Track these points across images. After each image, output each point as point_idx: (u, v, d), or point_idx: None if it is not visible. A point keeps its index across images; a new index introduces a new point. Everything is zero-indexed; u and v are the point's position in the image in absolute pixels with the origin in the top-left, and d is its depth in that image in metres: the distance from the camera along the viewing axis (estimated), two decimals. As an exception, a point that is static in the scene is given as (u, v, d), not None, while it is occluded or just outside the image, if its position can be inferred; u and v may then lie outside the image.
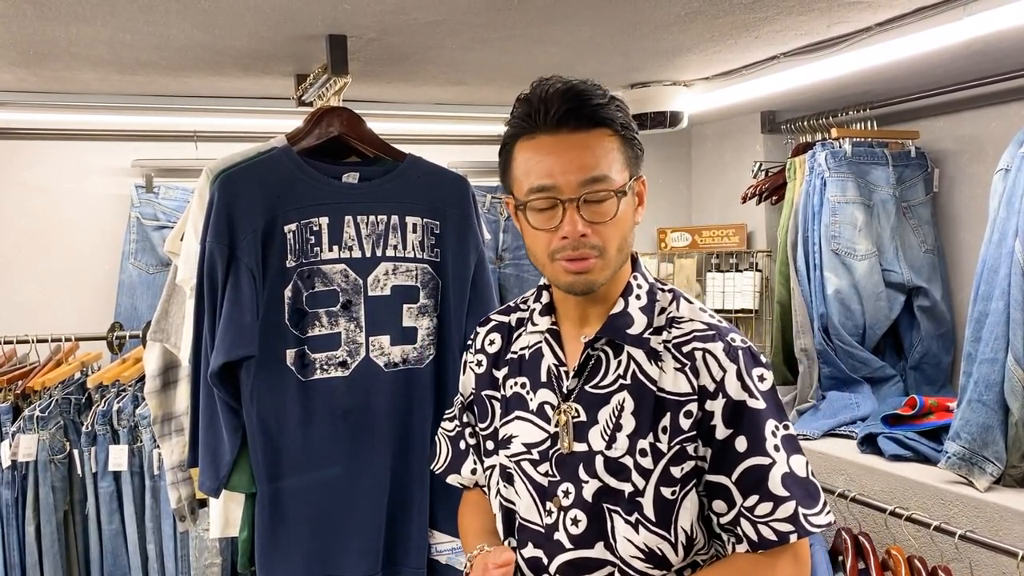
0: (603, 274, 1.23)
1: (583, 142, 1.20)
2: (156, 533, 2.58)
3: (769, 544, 1.19)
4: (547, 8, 1.77)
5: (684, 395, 1.23)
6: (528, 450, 1.32)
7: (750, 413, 1.21)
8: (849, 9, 1.82)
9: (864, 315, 2.68)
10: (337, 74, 1.92)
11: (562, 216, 1.20)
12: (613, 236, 1.22)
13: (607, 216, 1.21)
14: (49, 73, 2.25)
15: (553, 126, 1.20)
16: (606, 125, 1.22)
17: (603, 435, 1.25)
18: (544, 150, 1.21)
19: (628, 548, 1.24)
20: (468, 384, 1.45)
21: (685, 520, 1.23)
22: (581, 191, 1.19)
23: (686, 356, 1.24)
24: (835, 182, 2.69)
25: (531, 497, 1.31)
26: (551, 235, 1.22)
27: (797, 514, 1.18)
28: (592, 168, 1.20)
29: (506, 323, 1.42)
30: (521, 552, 1.33)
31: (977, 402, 1.99)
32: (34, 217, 3.00)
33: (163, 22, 1.79)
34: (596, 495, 1.25)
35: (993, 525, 1.88)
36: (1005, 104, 2.56)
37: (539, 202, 1.21)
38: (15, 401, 2.64)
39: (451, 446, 1.48)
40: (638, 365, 1.26)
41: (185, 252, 1.89)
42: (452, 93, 2.67)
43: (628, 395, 1.25)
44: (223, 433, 1.76)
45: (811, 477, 1.22)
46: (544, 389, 1.32)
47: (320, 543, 1.80)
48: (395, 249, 1.84)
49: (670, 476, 1.22)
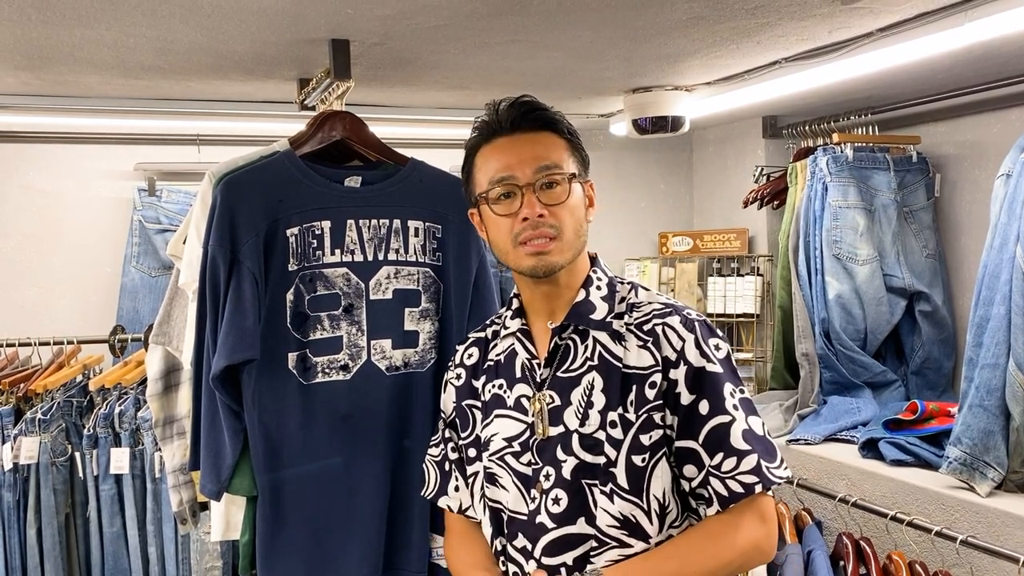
0: (562, 256, 1.34)
1: (535, 139, 1.36)
2: (157, 536, 2.58)
3: (737, 496, 1.27)
4: (549, 13, 1.77)
5: (648, 367, 1.32)
6: (509, 443, 1.39)
7: (710, 377, 1.30)
8: (851, 15, 1.82)
9: (865, 320, 2.69)
10: (340, 78, 1.93)
11: (521, 200, 1.33)
12: (568, 219, 1.34)
13: (561, 198, 1.33)
14: (53, 77, 2.25)
15: (510, 129, 1.36)
16: (554, 129, 1.38)
17: (576, 414, 1.34)
18: (501, 149, 1.36)
19: (605, 518, 1.31)
20: (449, 400, 1.52)
21: (657, 488, 1.31)
22: (535, 176, 1.33)
23: (647, 333, 1.34)
24: (836, 187, 2.69)
25: (517, 488, 1.38)
26: (512, 220, 1.34)
27: (760, 466, 1.27)
28: (545, 158, 1.34)
29: (483, 337, 1.51)
30: (513, 544, 1.38)
31: (978, 407, 1.99)
32: (37, 220, 3.01)
33: (166, 26, 1.80)
34: (574, 472, 1.32)
35: (994, 530, 1.88)
36: (1006, 109, 2.56)
37: (499, 190, 1.34)
38: (17, 404, 2.64)
39: (438, 470, 1.54)
40: (603, 347, 1.35)
41: (187, 256, 1.89)
42: (454, 97, 2.67)
43: (597, 374, 1.34)
44: (224, 436, 1.76)
45: (768, 437, 1.31)
46: (520, 384, 1.40)
47: (321, 546, 1.80)
48: (397, 253, 1.84)
49: (640, 444, 1.30)
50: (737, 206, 3.20)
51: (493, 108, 1.38)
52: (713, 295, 3.29)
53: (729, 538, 1.28)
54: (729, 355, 1.34)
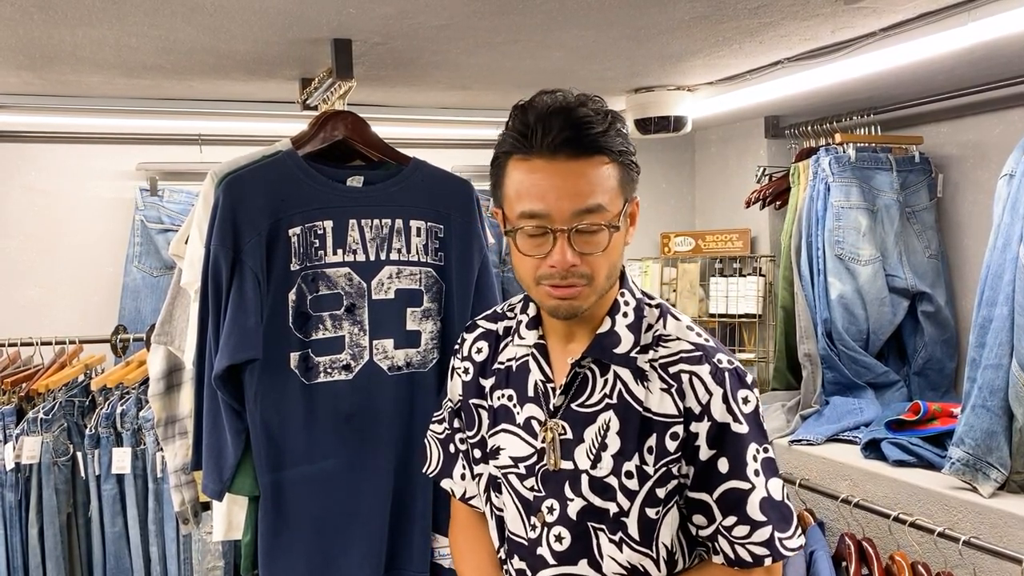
0: (588, 300, 1.22)
1: (579, 170, 1.16)
2: (159, 536, 2.58)
3: (745, 565, 1.23)
4: (551, 13, 1.77)
5: (670, 416, 1.23)
6: (515, 464, 1.33)
7: (733, 436, 1.22)
8: (853, 14, 1.82)
9: (868, 320, 2.68)
10: (342, 78, 1.93)
11: (552, 244, 1.18)
12: (603, 266, 1.20)
13: (599, 248, 1.19)
14: (55, 76, 2.25)
15: (550, 151, 1.16)
16: (604, 153, 1.18)
17: (588, 454, 1.26)
18: (538, 174, 1.17)
19: (612, 566, 1.27)
20: (456, 389, 1.44)
21: (666, 536, 1.27)
22: (573, 221, 1.16)
23: (672, 377, 1.24)
24: (839, 187, 2.68)
25: (516, 510, 1.33)
26: (539, 261, 1.20)
27: (773, 539, 1.22)
28: (587, 197, 1.16)
29: (493, 331, 1.41)
30: (511, 561, 1.35)
31: (981, 408, 1.99)
32: (39, 220, 3.01)
33: (168, 26, 1.80)
34: (580, 513, 1.27)
35: (997, 531, 1.88)
36: (1009, 110, 2.55)
37: (530, 228, 1.18)
38: (19, 403, 2.65)
39: (441, 449, 1.48)
40: (624, 384, 1.25)
41: (189, 255, 1.89)
42: (457, 97, 2.67)
43: (614, 414, 1.25)
44: (227, 436, 1.76)
45: (786, 500, 1.25)
46: (531, 404, 1.31)
47: (323, 547, 1.80)
48: (399, 253, 1.84)
49: (655, 497, 1.25)
50: (739, 206, 3.20)
51: (539, 109, 1.17)
52: (715, 295, 3.28)
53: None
54: (757, 409, 1.25)
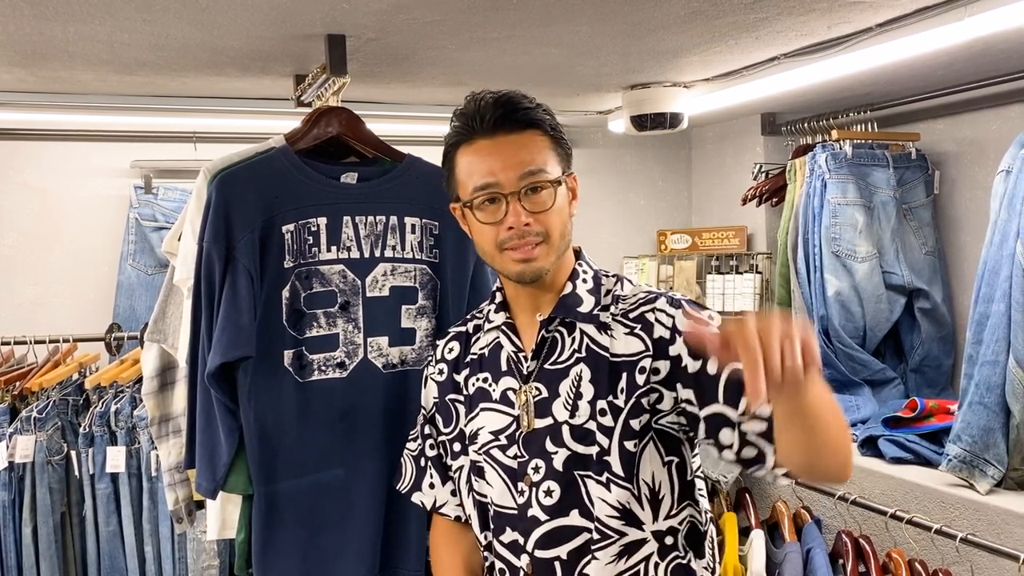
0: (548, 260, 1.33)
1: (518, 141, 1.32)
2: (153, 535, 2.58)
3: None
4: (546, 8, 1.76)
5: (636, 354, 1.31)
6: (496, 437, 1.39)
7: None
8: (850, 9, 1.81)
9: (864, 317, 2.68)
10: (336, 74, 1.92)
11: (506, 209, 1.31)
12: (554, 223, 1.33)
13: (546, 205, 1.32)
14: (47, 73, 2.24)
15: (489, 130, 1.32)
16: (537, 126, 1.34)
17: (566, 405, 1.33)
18: (483, 152, 1.33)
19: (604, 508, 1.30)
20: (430, 395, 1.51)
21: (646, 472, 1.31)
22: (520, 184, 1.30)
23: (635, 320, 1.33)
24: (835, 184, 2.68)
25: (503, 482, 1.38)
26: (497, 227, 1.32)
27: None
28: (528, 163, 1.31)
29: (464, 331, 1.50)
30: (500, 539, 1.38)
31: (978, 404, 1.98)
32: (32, 218, 3.00)
33: (161, 21, 1.79)
34: (566, 463, 1.32)
35: (994, 528, 1.88)
36: (1005, 106, 2.55)
37: (483, 198, 1.32)
38: (12, 402, 2.64)
39: (414, 464, 1.55)
40: (591, 338, 1.35)
41: (183, 252, 1.88)
42: (451, 94, 2.66)
43: (585, 365, 1.34)
44: (220, 434, 1.76)
45: None
46: (506, 377, 1.40)
47: (317, 545, 1.79)
48: (393, 250, 1.83)
49: (630, 429, 1.30)
50: (736, 203, 3.19)
51: (474, 103, 1.34)
52: (712, 293, 3.28)
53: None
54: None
